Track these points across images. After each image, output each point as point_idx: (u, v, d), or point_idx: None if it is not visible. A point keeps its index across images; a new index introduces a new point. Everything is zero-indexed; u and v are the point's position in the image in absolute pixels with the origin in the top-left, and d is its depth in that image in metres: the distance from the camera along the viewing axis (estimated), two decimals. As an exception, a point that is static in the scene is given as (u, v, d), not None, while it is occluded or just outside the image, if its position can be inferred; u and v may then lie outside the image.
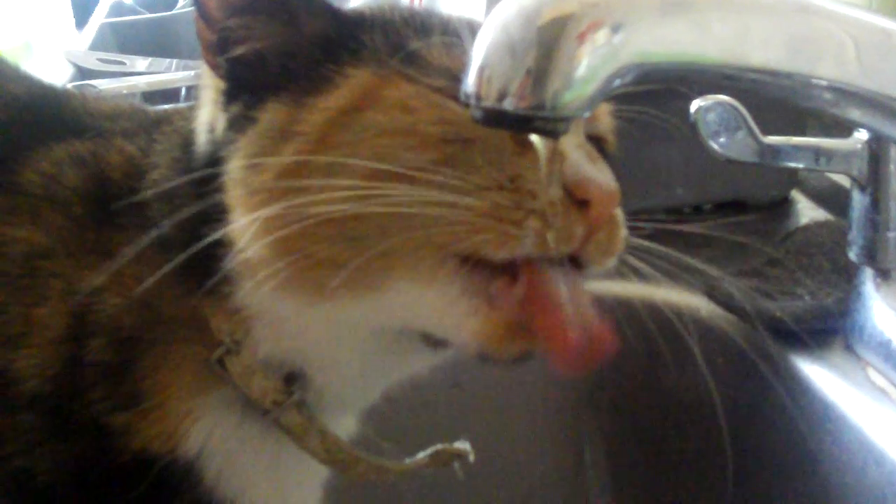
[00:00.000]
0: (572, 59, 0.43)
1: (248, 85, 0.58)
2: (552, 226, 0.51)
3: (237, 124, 0.58)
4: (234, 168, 0.57)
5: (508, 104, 0.44)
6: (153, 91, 1.17)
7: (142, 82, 1.18)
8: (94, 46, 1.48)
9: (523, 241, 0.52)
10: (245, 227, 0.55)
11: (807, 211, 1.06)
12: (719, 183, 1.06)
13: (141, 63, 1.33)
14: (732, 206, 1.07)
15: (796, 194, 1.09)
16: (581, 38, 0.43)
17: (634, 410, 0.94)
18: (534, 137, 0.52)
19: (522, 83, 0.44)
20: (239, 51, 0.58)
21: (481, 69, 0.45)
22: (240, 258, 0.56)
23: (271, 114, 0.56)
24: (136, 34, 1.58)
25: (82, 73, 1.30)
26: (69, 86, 1.09)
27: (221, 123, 0.59)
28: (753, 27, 0.47)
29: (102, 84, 1.13)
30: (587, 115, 0.45)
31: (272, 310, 0.58)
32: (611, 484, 0.95)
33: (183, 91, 1.18)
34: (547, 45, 0.43)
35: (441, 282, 0.54)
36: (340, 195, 0.51)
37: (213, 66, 0.60)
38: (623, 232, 0.57)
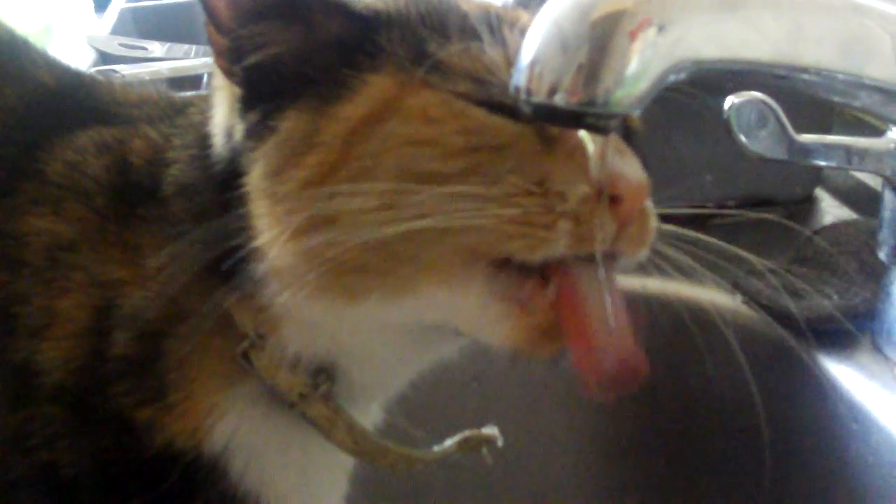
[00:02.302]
0: (625, 55, 0.43)
1: (265, 92, 0.57)
2: (584, 225, 0.51)
3: (256, 133, 0.56)
4: (256, 177, 0.56)
5: (559, 99, 0.44)
6: (175, 77, 1.16)
7: (164, 68, 1.17)
8: (115, 31, 1.47)
9: (556, 243, 0.51)
10: (273, 238, 0.54)
11: (831, 209, 1.05)
12: (743, 180, 1.05)
13: (160, 48, 1.32)
14: (757, 203, 1.06)
15: (820, 192, 1.09)
16: (633, 34, 0.43)
17: (658, 406, 0.93)
18: (582, 134, 0.52)
19: (574, 79, 0.43)
20: (254, 59, 0.56)
21: (532, 64, 0.44)
22: (267, 264, 0.56)
23: (291, 122, 0.55)
24: (156, 19, 1.57)
25: (104, 58, 1.30)
26: (92, 71, 1.08)
27: (239, 131, 0.58)
28: (805, 26, 0.47)
29: (125, 69, 1.13)
30: (637, 112, 0.44)
31: (300, 311, 0.57)
32: (633, 480, 0.95)
33: (205, 77, 1.17)
34: (599, 41, 0.43)
35: (472, 286, 0.53)
36: (368, 205, 0.51)
37: (228, 73, 0.58)
38: (654, 221, 0.57)
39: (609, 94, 0.43)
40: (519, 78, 0.45)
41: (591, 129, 0.46)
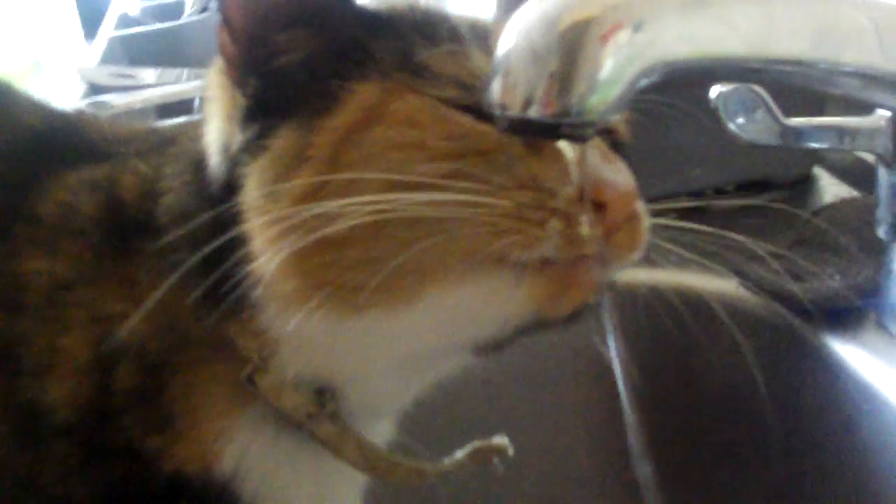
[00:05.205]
0: (596, 62, 0.43)
1: (268, 106, 0.57)
2: (573, 226, 0.51)
3: (251, 149, 0.57)
4: (249, 196, 0.56)
5: (534, 112, 0.44)
6: (167, 103, 1.16)
7: (156, 95, 1.17)
8: (104, 60, 1.47)
9: (548, 241, 0.51)
10: (268, 258, 0.54)
11: (830, 187, 1.05)
12: (740, 163, 1.04)
13: (151, 74, 1.33)
14: (755, 186, 1.06)
15: (818, 171, 1.08)
16: (604, 40, 0.43)
17: (668, 396, 0.93)
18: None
19: (547, 90, 0.43)
20: (266, 68, 0.57)
21: (505, 77, 0.44)
22: (264, 286, 0.56)
23: (283, 140, 0.55)
24: (145, 46, 1.57)
25: (94, 88, 1.30)
26: (83, 103, 1.08)
27: (238, 142, 0.58)
28: (776, 18, 0.47)
29: (116, 99, 1.13)
30: (614, 117, 0.44)
31: (301, 331, 0.57)
32: (649, 472, 0.95)
33: (197, 101, 1.17)
34: (570, 49, 0.43)
35: (475, 278, 0.53)
36: (359, 210, 0.51)
37: (238, 83, 0.58)
38: (646, 225, 0.57)
39: (583, 102, 0.43)
40: (492, 92, 0.45)
41: (569, 138, 0.46)
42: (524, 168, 0.52)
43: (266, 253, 0.54)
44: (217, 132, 0.61)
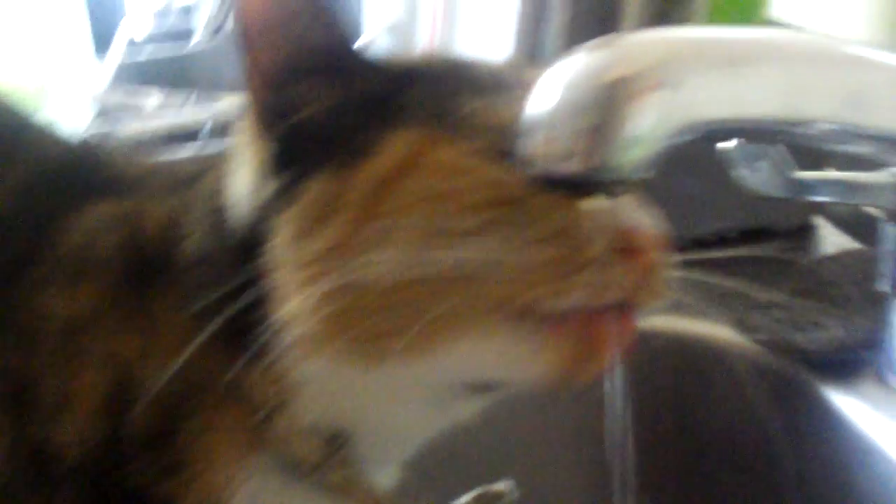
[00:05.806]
0: (634, 119, 0.43)
1: (299, 153, 0.57)
2: (607, 274, 0.52)
3: (283, 197, 0.56)
4: (281, 242, 0.56)
5: (569, 166, 0.44)
6: (176, 131, 1.15)
7: (165, 122, 1.17)
8: (114, 85, 1.47)
9: (582, 290, 0.52)
10: (297, 305, 0.54)
11: (831, 237, 1.06)
12: (740, 211, 1.05)
13: (160, 97, 1.32)
14: (754, 235, 1.07)
15: (819, 219, 1.09)
16: (642, 98, 0.43)
17: (665, 443, 0.94)
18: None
19: (583, 144, 0.44)
20: (298, 116, 0.57)
21: (541, 130, 0.45)
22: (289, 332, 0.55)
23: (318, 185, 0.55)
24: (154, 72, 1.57)
25: (104, 114, 1.29)
26: (92, 128, 1.07)
27: (269, 191, 0.58)
28: (809, 82, 0.47)
29: (126, 126, 1.13)
30: (648, 175, 0.45)
31: (320, 378, 0.57)
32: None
33: (208, 127, 1.16)
34: (608, 106, 0.43)
35: (499, 334, 0.54)
36: (393, 264, 0.51)
37: (267, 130, 0.58)
38: (669, 271, 0.57)
39: (619, 158, 0.44)
40: (527, 144, 0.45)
41: (602, 193, 0.47)
42: (558, 218, 0.53)
43: (294, 298, 0.54)
44: (245, 181, 0.60)
